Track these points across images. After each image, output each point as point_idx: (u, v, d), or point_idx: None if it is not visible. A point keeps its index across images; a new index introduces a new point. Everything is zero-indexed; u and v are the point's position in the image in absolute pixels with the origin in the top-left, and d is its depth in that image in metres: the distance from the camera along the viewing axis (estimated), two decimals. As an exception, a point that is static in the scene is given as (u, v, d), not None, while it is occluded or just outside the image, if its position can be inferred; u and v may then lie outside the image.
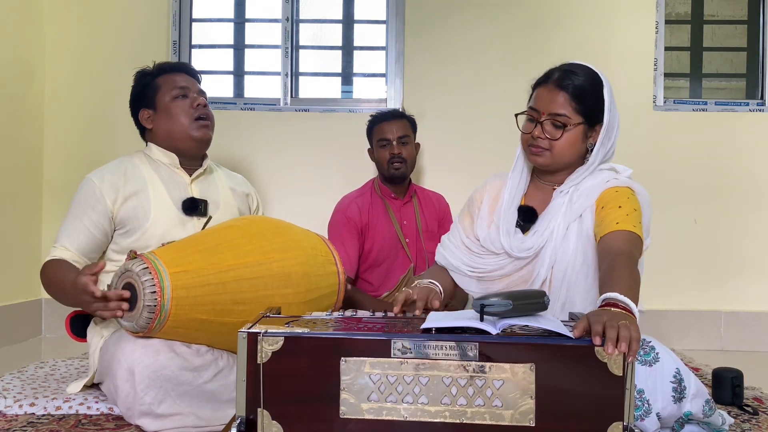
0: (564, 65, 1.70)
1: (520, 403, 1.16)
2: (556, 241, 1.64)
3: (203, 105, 2.03)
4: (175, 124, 1.99)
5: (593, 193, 1.64)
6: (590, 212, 1.63)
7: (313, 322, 1.33)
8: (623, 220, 1.54)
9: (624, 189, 1.63)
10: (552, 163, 1.69)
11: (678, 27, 3.41)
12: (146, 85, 2.04)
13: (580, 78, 1.65)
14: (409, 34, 3.20)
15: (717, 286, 3.15)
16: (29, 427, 1.67)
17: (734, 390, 1.92)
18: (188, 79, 2.06)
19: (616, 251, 1.46)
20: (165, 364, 1.59)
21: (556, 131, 1.65)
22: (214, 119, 2.08)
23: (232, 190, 2.13)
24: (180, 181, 2.00)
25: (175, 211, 1.93)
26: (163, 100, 2.01)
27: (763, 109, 3.19)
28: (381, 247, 2.68)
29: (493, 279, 1.73)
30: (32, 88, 3.11)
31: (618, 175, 1.68)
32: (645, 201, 1.65)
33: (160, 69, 2.06)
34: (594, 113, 1.66)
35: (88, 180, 1.92)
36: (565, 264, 1.63)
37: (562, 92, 1.64)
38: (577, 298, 1.62)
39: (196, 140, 2.00)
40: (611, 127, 1.68)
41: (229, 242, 1.70)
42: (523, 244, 1.67)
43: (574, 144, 1.67)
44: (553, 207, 1.69)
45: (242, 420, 1.20)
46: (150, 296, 1.52)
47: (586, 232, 1.63)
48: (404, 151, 2.68)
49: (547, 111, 1.65)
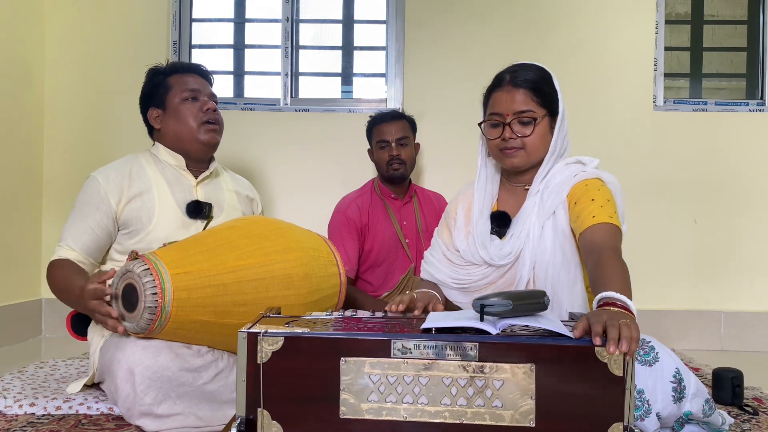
0: (510, 67, 1.73)
1: (520, 404, 1.16)
2: (534, 241, 1.65)
3: (213, 109, 2.01)
4: (183, 126, 1.98)
5: (563, 189, 1.65)
6: (563, 208, 1.65)
7: (313, 322, 1.33)
8: (599, 213, 1.55)
9: (593, 181, 1.64)
10: (527, 161, 1.70)
11: (678, 27, 3.41)
12: (158, 84, 2.02)
13: (531, 73, 1.68)
14: (409, 34, 3.20)
15: (717, 286, 3.15)
16: (29, 427, 1.67)
17: (734, 390, 1.92)
18: (200, 81, 2.04)
19: (599, 246, 1.47)
20: (165, 365, 1.59)
21: (526, 128, 1.67)
22: (223, 123, 2.07)
23: (236, 193, 2.12)
24: (185, 183, 2.00)
25: (179, 213, 1.93)
26: (173, 101, 2.00)
27: (763, 109, 3.19)
28: (381, 248, 2.68)
29: (479, 288, 1.73)
30: (32, 88, 3.11)
31: (585, 167, 1.69)
32: (616, 189, 1.66)
33: (173, 68, 2.04)
34: (552, 103, 1.69)
35: (93, 179, 1.91)
36: (545, 263, 1.64)
37: (521, 89, 1.67)
38: (562, 295, 1.62)
39: (203, 144, 1.99)
40: (564, 115, 1.72)
41: (230, 243, 1.69)
42: (501, 251, 1.68)
43: (544, 137, 1.69)
44: (525, 208, 1.70)
45: (242, 420, 1.20)
46: (151, 298, 1.52)
47: (561, 228, 1.64)
48: (403, 153, 2.68)
49: (510, 111, 1.67)
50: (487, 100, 1.75)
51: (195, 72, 2.05)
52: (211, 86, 2.08)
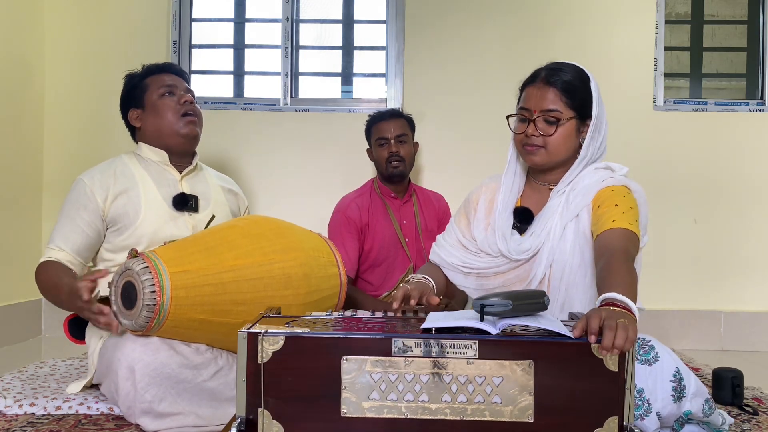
0: (550, 64, 1.72)
1: (519, 400, 1.18)
2: (554, 241, 1.65)
3: (190, 102, 2.06)
4: (163, 120, 2.02)
5: (590, 192, 1.65)
6: (587, 211, 1.64)
7: (313, 322, 1.34)
8: (619, 218, 1.54)
9: (620, 188, 1.64)
10: (548, 161, 1.69)
11: (678, 27, 3.41)
12: (134, 86, 2.08)
13: (568, 74, 1.68)
14: (409, 34, 3.20)
15: (717, 286, 3.15)
16: (29, 427, 1.67)
17: (734, 390, 1.92)
18: (175, 78, 2.10)
19: (612, 249, 1.47)
20: (165, 362, 1.59)
21: (549, 127, 1.66)
22: (201, 116, 2.12)
23: (221, 187, 2.17)
24: (170, 177, 2.03)
25: (165, 207, 1.95)
26: (151, 98, 2.05)
27: (763, 109, 3.20)
28: (381, 247, 2.68)
29: (488, 276, 1.74)
30: (32, 88, 3.11)
31: (614, 173, 1.69)
32: (641, 199, 1.66)
33: (147, 70, 2.11)
34: (584, 107, 1.68)
35: (79, 181, 1.95)
36: (563, 263, 1.63)
37: (552, 88, 1.66)
38: (575, 298, 1.62)
39: (183, 136, 2.03)
40: (600, 121, 1.70)
41: (229, 242, 1.70)
42: (520, 246, 1.68)
43: (567, 139, 1.68)
44: (549, 207, 1.69)
45: (242, 420, 1.20)
46: (149, 296, 1.52)
47: (583, 231, 1.64)
48: (402, 150, 2.69)
49: (538, 108, 1.66)
50: (520, 94, 1.75)
51: (169, 71, 2.11)
52: (187, 83, 2.13)
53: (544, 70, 1.70)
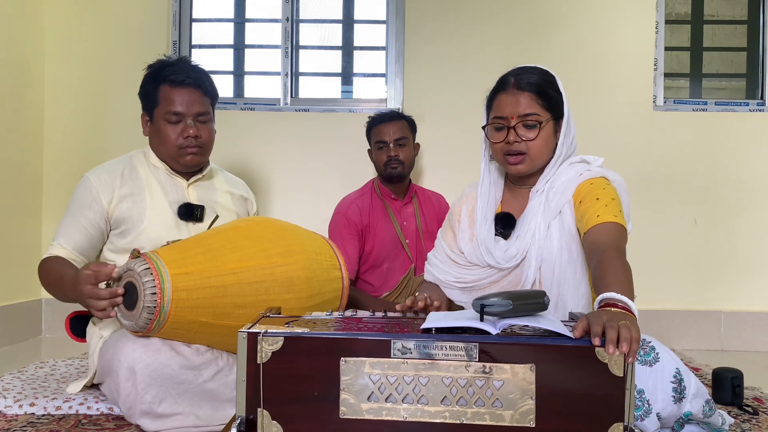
0: (514, 69, 1.71)
1: (520, 404, 1.16)
2: (540, 241, 1.64)
3: (194, 136, 1.92)
4: (164, 145, 1.94)
5: (569, 188, 1.65)
6: (569, 208, 1.64)
7: (313, 322, 1.33)
8: (603, 212, 1.54)
9: (598, 180, 1.64)
10: (532, 167, 1.70)
11: (678, 27, 3.41)
12: (148, 92, 1.97)
13: (536, 76, 1.67)
14: (409, 34, 3.20)
15: (717, 286, 3.15)
16: (29, 427, 1.67)
17: (734, 390, 1.92)
18: (190, 97, 1.93)
19: (603, 246, 1.47)
20: (165, 363, 1.59)
21: (530, 132, 1.66)
22: (210, 141, 2.00)
23: (230, 194, 2.11)
24: (178, 184, 2.00)
25: (170, 214, 1.93)
26: (158, 116, 1.94)
27: (763, 109, 3.19)
28: (381, 248, 2.68)
29: (483, 287, 1.73)
30: (32, 88, 3.11)
31: (590, 165, 1.69)
32: (621, 188, 1.66)
33: (165, 77, 1.93)
34: (556, 107, 1.68)
35: (86, 179, 1.93)
36: (552, 263, 1.63)
37: (525, 92, 1.66)
38: (568, 295, 1.62)
39: (183, 165, 1.97)
40: (570, 117, 1.70)
41: (232, 244, 1.69)
42: (507, 253, 1.67)
43: (548, 141, 1.68)
44: (531, 208, 1.70)
45: (242, 420, 1.20)
46: (150, 297, 1.52)
47: (567, 228, 1.64)
48: (401, 153, 2.68)
49: (515, 114, 1.66)
50: (490, 103, 1.73)
51: (186, 84, 1.92)
52: (207, 95, 1.98)
53: (512, 76, 1.69)
